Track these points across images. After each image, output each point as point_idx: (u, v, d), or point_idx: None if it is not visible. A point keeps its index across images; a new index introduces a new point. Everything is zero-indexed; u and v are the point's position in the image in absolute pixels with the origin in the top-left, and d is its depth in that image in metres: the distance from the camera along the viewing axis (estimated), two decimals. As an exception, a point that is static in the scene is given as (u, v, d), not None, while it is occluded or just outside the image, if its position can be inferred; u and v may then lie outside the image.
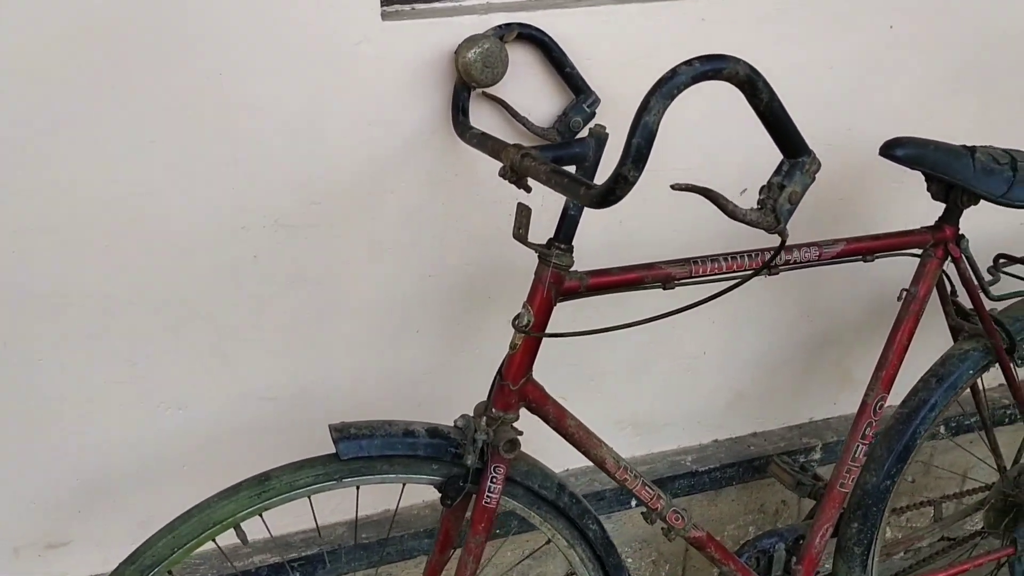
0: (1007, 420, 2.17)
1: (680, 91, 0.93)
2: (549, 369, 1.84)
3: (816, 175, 1.05)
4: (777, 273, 1.44)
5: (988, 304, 1.62)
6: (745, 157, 1.77)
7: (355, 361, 1.65)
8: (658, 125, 0.93)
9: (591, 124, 1.45)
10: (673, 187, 0.96)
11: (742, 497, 2.10)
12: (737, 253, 1.40)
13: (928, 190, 1.55)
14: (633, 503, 1.94)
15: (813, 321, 2.03)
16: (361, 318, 1.62)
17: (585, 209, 1.39)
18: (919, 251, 1.56)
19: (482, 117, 1.53)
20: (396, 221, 1.56)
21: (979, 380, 1.74)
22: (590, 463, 1.91)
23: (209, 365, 1.53)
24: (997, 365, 1.65)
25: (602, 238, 1.73)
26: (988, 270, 1.68)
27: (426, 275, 1.63)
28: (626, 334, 1.89)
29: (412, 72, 1.46)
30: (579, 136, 1.51)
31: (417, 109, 1.48)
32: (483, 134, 1.37)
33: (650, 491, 1.47)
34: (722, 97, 1.29)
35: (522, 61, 1.51)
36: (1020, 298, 1.66)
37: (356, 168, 1.49)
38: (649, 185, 1.52)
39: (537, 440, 1.48)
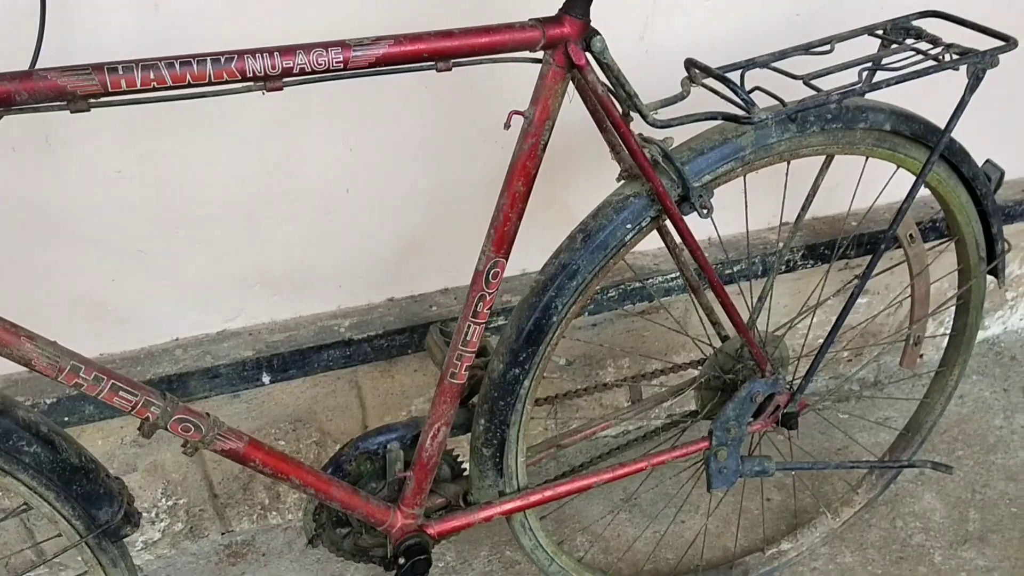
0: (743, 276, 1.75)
1: None
2: (106, 215, 1.36)
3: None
4: (280, 89, 0.95)
5: (661, 133, 1.15)
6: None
7: None
8: None
9: None
10: None
11: (428, 366, 1.71)
12: (199, 56, 0.90)
13: (547, -41, 1.04)
14: (266, 379, 1.54)
15: (504, 146, 1.55)
16: None
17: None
18: (538, 56, 1.06)
19: None
20: None
21: (669, 231, 1.30)
22: (209, 330, 1.52)
23: None
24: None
25: (131, 32, 1.22)
26: (682, 82, 1.20)
27: None
28: (220, 167, 1.41)
29: None
30: None
31: None
32: None
33: (129, 396, 1.05)
34: None
35: None
36: (710, 121, 1.18)
37: None
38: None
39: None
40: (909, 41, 1.27)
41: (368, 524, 1.32)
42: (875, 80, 1.19)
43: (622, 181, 1.22)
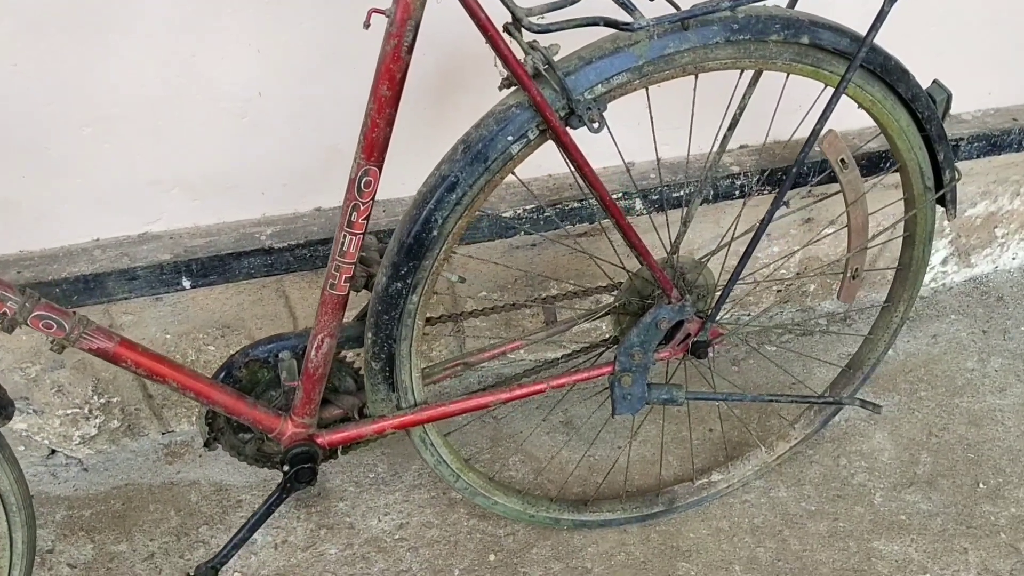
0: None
1: None
2: (5, 110, 1.33)
3: None
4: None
5: (547, 39, 1.08)
6: None
7: None
8: None
9: None
10: None
11: (359, 278, 1.69)
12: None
13: None
14: (186, 283, 1.54)
15: (425, 51, 1.49)
16: None
17: None
18: (398, -51, 1.00)
19: None
20: None
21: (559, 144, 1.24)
22: (130, 232, 1.52)
23: None
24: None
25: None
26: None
27: None
28: (123, 65, 1.37)
29: None
30: None
31: None
32: None
33: (-21, 291, 1.06)
34: None
35: None
36: (600, 29, 1.10)
37: None
38: None
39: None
40: (834, -56, 1.16)
41: (258, 431, 1.33)
42: (781, -14, 1.09)
43: (505, 90, 1.15)
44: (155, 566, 1.60)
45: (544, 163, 1.59)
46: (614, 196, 1.68)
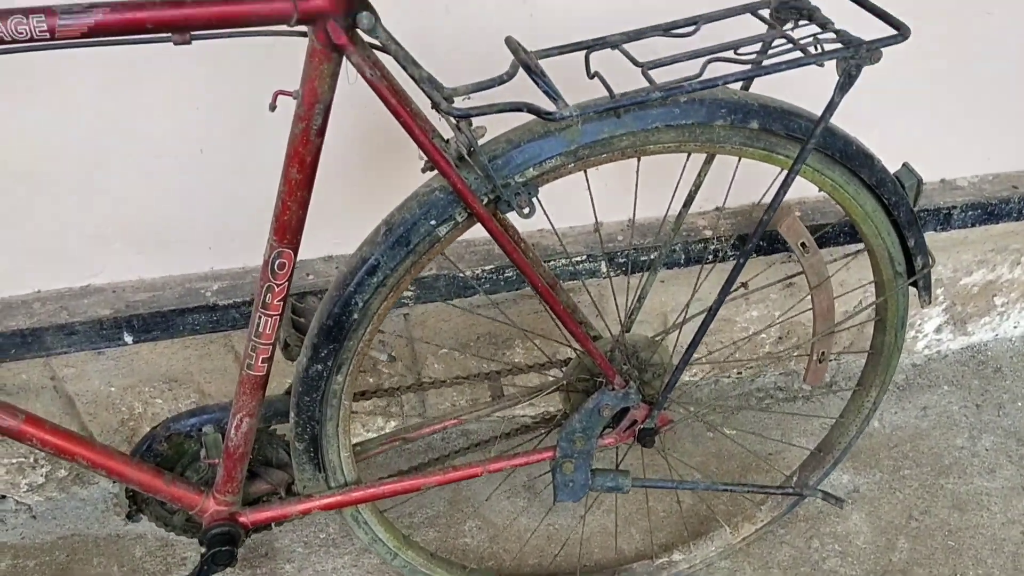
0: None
1: None
2: None
3: None
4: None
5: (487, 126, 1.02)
6: None
7: None
8: None
9: None
10: None
11: (310, 336, 1.63)
12: None
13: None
14: (128, 339, 1.50)
15: (367, 104, 1.43)
16: None
17: None
18: (302, 29, 0.94)
19: None
20: None
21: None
22: (72, 285, 1.48)
23: None
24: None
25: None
26: (512, 63, 1.05)
27: None
28: (54, 123, 1.33)
29: None
30: None
31: None
32: None
33: None
34: None
35: None
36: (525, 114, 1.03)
37: None
38: None
39: None
40: (788, 25, 1.08)
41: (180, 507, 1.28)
42: (723, 73, 1.01)
43: (427, 172, 1.09)
44: (91, 625, 1.56)
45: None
46: (575, 260, 1.61)
